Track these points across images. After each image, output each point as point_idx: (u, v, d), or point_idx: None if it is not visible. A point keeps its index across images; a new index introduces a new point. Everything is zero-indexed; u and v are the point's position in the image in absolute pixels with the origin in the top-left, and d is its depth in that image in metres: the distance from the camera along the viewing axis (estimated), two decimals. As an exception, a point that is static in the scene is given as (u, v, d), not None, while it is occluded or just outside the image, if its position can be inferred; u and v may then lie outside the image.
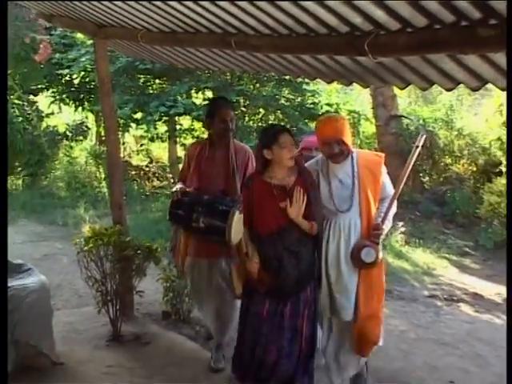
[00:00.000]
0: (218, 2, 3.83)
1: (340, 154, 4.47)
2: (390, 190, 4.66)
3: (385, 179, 4.64)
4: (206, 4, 3.93)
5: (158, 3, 4.28)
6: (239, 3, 3.72)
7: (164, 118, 13.15)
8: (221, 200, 5.04)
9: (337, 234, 4.55)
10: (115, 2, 4.66)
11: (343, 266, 4.53)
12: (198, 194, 5.18)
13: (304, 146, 5.43)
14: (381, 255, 4.56)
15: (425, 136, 4.55)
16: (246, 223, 4.61)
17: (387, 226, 4.64)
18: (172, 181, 13.63)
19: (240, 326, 4.64)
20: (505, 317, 7.25)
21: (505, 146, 12.22)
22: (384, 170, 4.64)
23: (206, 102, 12.91)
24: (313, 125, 13.25)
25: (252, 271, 4.45)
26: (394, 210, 4.69)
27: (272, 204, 4.39)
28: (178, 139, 14.16)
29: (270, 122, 13.17)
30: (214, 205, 4.98)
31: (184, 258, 5.50)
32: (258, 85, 13.42)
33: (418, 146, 4.48)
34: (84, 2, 5.05)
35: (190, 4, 4.05)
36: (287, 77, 11.63)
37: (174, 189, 5.35)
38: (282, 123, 12.99)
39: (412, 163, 4.52)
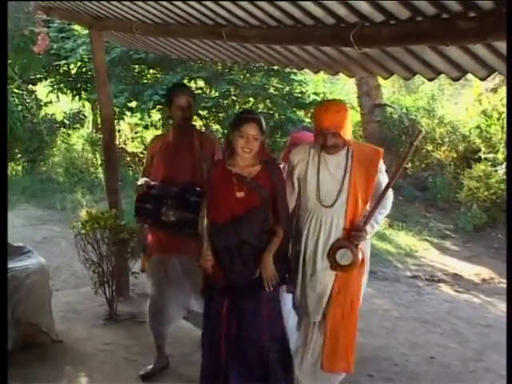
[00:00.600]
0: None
1: (334, 146, 4.05)
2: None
3: (381, 177, 4.17)
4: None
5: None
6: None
7: (158, 107, 13.08)
8: (191, 191, 4.66)
9: (317, 230, 4.15)
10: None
11: (319, 265, 4.15)
12: (166, 187, 4.76)
13: (292, 141, 4.96)
14: (360, 257, 4.10)
15: (422, 134, 4.14)
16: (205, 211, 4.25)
17: (373, 227, 4.17)
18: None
19: (203, 327, 4.34)
20: (483, 296, 7.30)
21: (483, 133, 12.29)
22: (382, 167, 4.17)
23: (198, 92, 12.86)
24: (300, 113, 13.27)
25: (206, 267, 4.15)
26: (384, 210, 4.23)
27: (229, 192, 4.04)
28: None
29: (260, 110, 13.13)
30: (184, 196, 4.62)
31: (149, 256, 5.07)
32: (247, 74, 13.37)
33: (412, 144, 4.03)
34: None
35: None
36: (276, 67, 11.57)
37: (138, 182, 4.96)
38: (271, 112, 12.99)
39: (406, 162, 4.17)
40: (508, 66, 2.88)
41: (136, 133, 16.07)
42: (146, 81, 13.50)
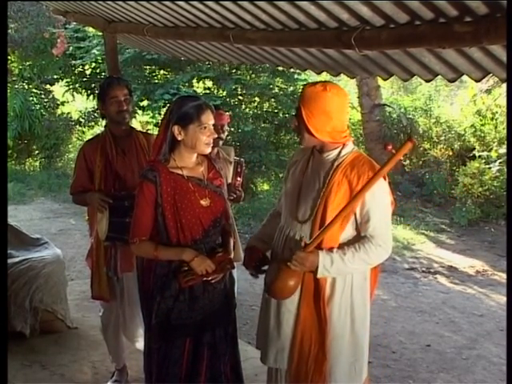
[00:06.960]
0: (217, -1, 3.80)
1: (295, 131, 3.09)
2: (377, 222, 2.98)
3: (372, 202, 2.98)
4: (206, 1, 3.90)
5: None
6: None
7: (168, 106, 13.09)
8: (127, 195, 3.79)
9: (284, 249, 3.12)
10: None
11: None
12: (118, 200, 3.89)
13: None
14: (293, 283, 2.93)
15: (411, 144, 2.91)
16: (145, 232, 3.18)
17: (333, 261, 2.89)
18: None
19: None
20: (477, 287, 7.29)
21: (478, 132, 12.25)
22: (378, 193, 3.03)
23: (206, 91, 12.86)
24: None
25: (209, 267, 3.11)
26: (366, 256, 2.95)
27: (193, 203, 3.15)
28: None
29: (265, 109, 13.11)
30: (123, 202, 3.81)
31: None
32: (253, 75, 13.33)
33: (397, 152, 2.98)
34: (95, -1, 5.01)
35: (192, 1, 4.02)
36: (280, 68, 11.57)
37: (101, 197, 3.94)
38: (276, 110, 12.96)
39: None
40: (508, 65, 2.87)
41: (147, 130, 16.11)
42: (156, 81, 13.47)
